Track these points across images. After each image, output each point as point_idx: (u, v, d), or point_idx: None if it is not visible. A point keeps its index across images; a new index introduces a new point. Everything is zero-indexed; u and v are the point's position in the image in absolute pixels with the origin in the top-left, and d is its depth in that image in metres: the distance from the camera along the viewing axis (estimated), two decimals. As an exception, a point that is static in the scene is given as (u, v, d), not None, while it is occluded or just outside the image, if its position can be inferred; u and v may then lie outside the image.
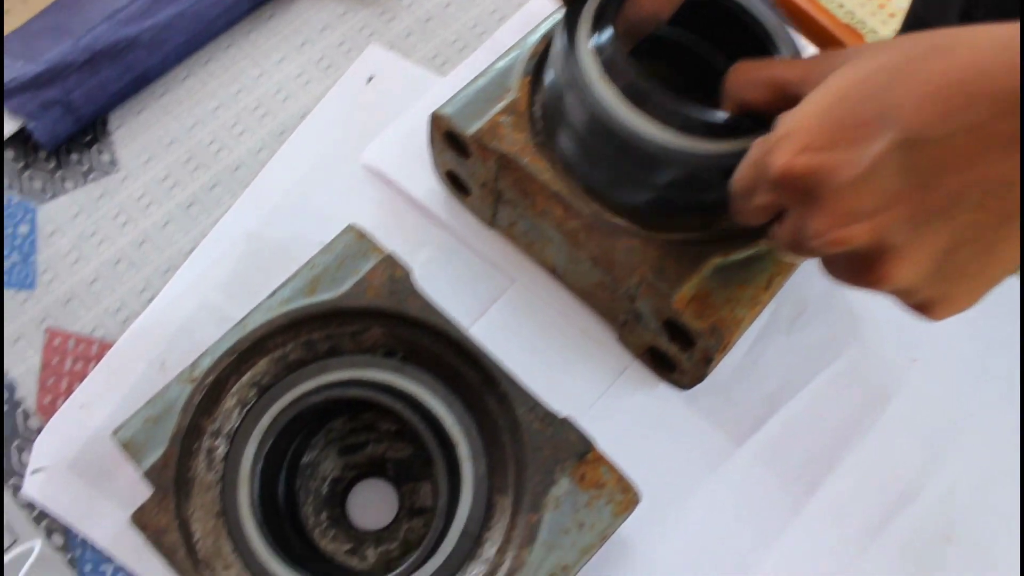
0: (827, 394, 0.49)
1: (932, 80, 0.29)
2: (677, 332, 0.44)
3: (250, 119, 0.56)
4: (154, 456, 0.41)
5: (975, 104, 0.28)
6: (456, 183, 0.51)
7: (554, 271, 0.50)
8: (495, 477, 0.41)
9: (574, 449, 0.41)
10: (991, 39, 0.29)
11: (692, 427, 0.48)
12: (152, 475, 0.41)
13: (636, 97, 0.39)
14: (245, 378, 0.43)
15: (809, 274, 0.51)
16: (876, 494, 0.47)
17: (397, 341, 0.43)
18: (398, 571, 0.41)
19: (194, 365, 0.42)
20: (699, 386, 0.48)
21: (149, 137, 0.55)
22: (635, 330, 0.47)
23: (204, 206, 0.53)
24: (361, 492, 0.47)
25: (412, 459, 0.46)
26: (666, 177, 0.41)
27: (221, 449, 0.42)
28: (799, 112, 0.32)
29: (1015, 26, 0.28)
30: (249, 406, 0.43)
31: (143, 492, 0.46)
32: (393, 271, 0.43)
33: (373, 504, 0.46)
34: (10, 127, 0.54)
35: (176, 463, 0.41)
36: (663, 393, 0.49)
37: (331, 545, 0.45)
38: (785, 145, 0.32)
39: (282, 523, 0.44)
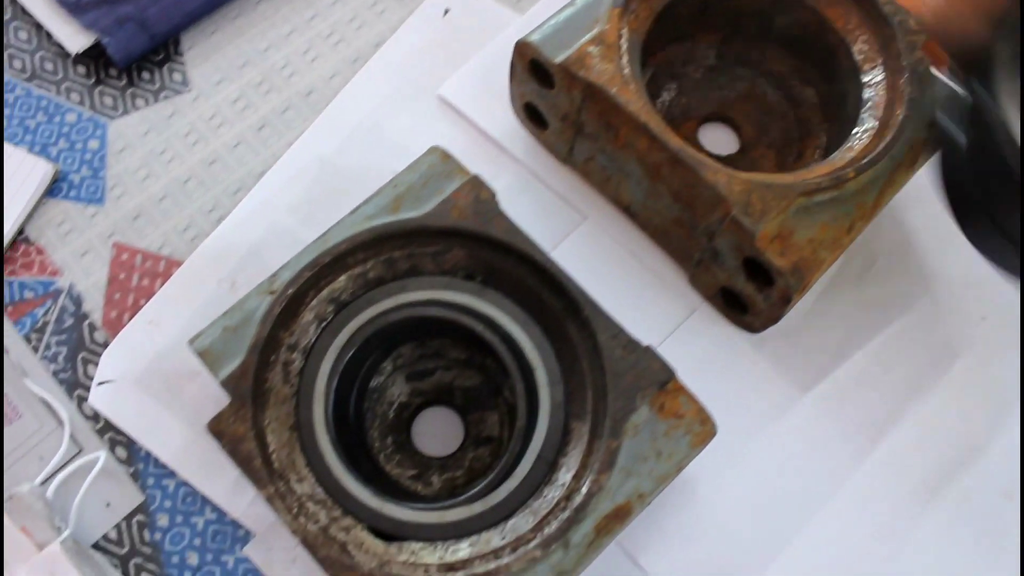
0: (894, 348, 0.49)
1: None
2: (756, 271, 0.44)
3: (323, 46, 0.55)
4: (231, 365, 0.41)
5: None
6: (533, 117, 0.50)
7: (628, 209, 0.50)
8: (572, 403, 0.41)
9: (655, 377, 0.40)
10: None
11: (759, 372, 0.48)
12: (229, 384, 0.41)
13: None
14: (324, 293, 0.42)
15: (880, 228, 0.51)
16: (939, 449, 0.47)
17: (478, 264, 0.43)
18: (472, 492, 0.41)
19: (273, 277, 0.42)
20: (766, 332, 0.48)
21: (221, 58, 0.55)
22: (709, 269, 0.47)
23: (275, 129, 0.53)
24: (426, 419, 0.47)
25: (480, 388, 0.46)
26: None
27: (297, 363, 0.42)
28: None
29: None
30: (326, 322, 0.42)
31: (208, 410, 0.46)
32: (479, 192, 0.43)
33: (438, 432, 0.46)
34: (83, 42, 0.53)
35: (253, 373, 0.41)
36: (731, 336, 0.49)
37: (396, 470, 0.45)
38: None
39: (352, 443, 0.43)
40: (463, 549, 0.39)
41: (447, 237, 0.43)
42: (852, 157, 0.44)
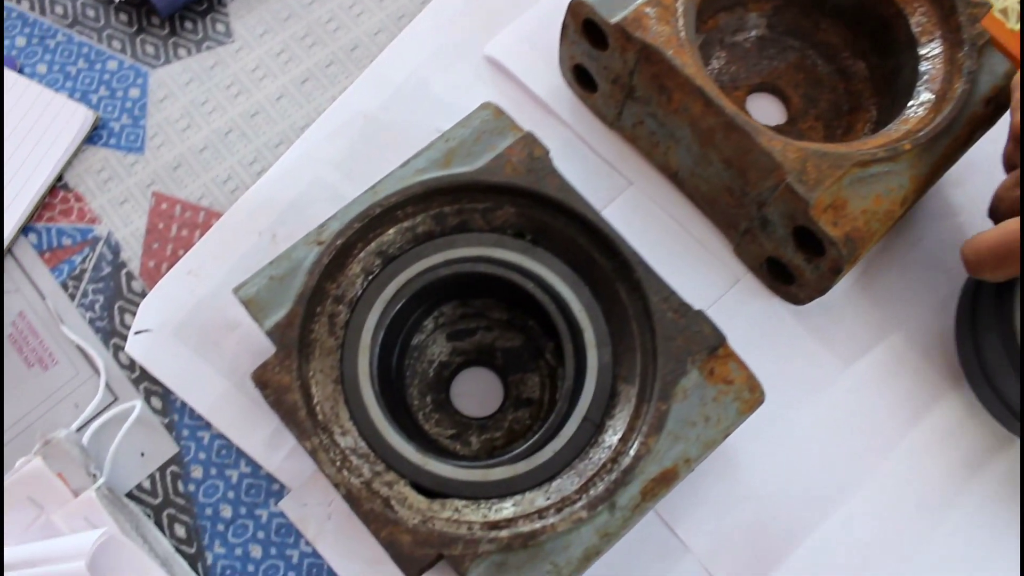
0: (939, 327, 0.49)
1: None
2: (806, 241, 0.43)
3: (369, 0, 0.55)
4: (277, 315, 0.40)
5: None
6: (582, 79, 0.50)
7: (675, 176, 0.49)
8: (620, 366, 0.41)
9: (706, 342, 0.40)
10: None
11: (801, 344, 0.48)
12: (275, 334, 0.40)
13: None
14: (372, 246, 0.42)
15: (928, 204, 0.51)
16: (979, 430, 0.47)
17: (528, 222, 0.42)
18: (515, 452, 0.40)
19: (321, 228, 0.42)
20: (809, 305, 0.48)
21: (265, 10, 0.54)
22: (756, 239, 0.46)
23: (319, 83, 0.52)
24: (466, 380, 0.46)
25: (521, 349, 0.46)
26: None
27: (343, 316, 0.41)
28: None
29: None
30: (373, 275, 0.42)
31: (246, 362, 0.46)
32: (532, 149, 0.42)
33: (478, 392, 0.46)
34: (126, -11, 0.53)
35: (300, 324, 0.40)
36: (774, 308, 0.48)
37: (435, 429, 0.45)
38: None
39: (392, 400, 0.43)
40: (507, 508, 0.39)
41: (499, 193, 0.42)
42: (908, 129, 0.44)
